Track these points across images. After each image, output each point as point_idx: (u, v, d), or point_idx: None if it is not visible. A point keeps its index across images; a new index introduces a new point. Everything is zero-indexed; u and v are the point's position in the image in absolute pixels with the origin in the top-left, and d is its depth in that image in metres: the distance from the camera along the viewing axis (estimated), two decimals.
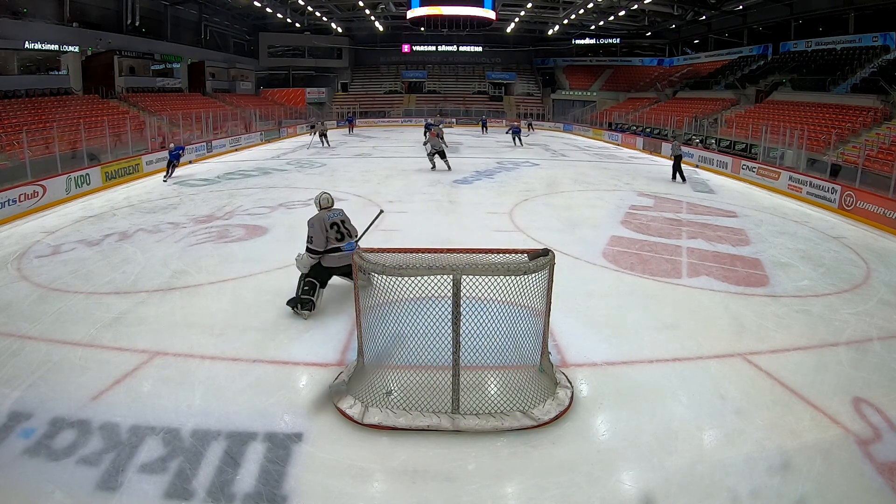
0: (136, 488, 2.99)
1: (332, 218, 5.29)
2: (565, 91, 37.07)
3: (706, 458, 3.32)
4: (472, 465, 3.22)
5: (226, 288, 5.98)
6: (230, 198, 11.04)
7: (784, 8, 25.14)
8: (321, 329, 4.94)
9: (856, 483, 3.13)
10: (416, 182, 12.94)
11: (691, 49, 34.05)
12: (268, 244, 7.64)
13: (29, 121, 15.38)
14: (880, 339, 4.92)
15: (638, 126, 25.61)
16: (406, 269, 3.51)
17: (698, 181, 14.50)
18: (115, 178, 12.67)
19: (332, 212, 5.36)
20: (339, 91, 38.05)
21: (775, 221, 9.74)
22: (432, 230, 8.50)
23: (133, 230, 8.38)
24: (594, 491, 3.03)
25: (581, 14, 30.39)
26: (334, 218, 5.31)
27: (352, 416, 3.58)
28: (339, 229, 5.28)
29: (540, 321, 3.80)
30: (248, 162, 17.20)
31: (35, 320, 5.05)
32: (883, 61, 19.24)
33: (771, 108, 20.46)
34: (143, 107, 21.39)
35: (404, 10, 30.12)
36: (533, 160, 17.57)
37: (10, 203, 9.25)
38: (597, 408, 3.82)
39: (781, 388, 4.05)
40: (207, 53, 29.82)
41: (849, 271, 6.87)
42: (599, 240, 7.92)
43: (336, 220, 5.30)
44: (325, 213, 5.30)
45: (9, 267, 6.66)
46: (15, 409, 3.64)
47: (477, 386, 3.85)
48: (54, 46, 20.11)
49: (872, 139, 14.27)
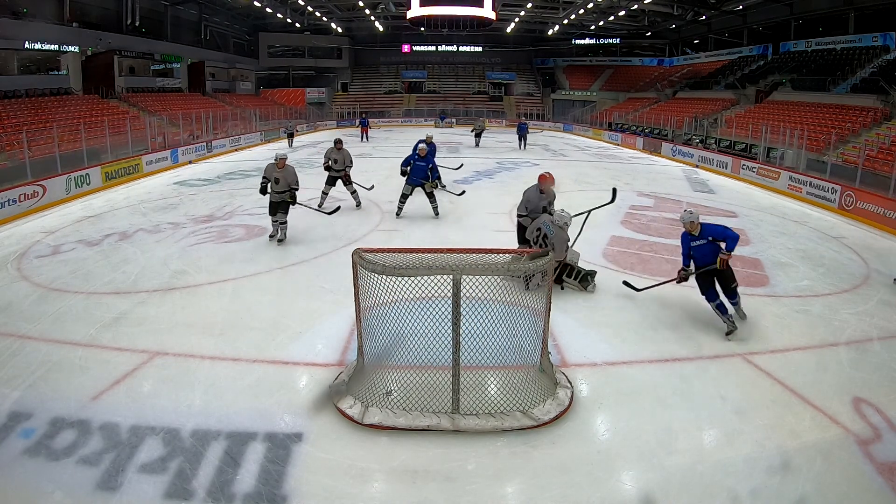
0: (136, 488, 2.99)
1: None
2: (565, 91, 37.06)
3: (706, 458, 3.32)
4: (472, 465, 3.22)
5: (226, 288, 5.97)
6: (230, 198, 11.04)
7: (784, 8, 25.13)
8: (321, 329, 4.94)
9: (856, 483, 3.13)
10: None
11: (691, 49, 34.04)
12: (268, 244, 7.64)
13: (29, 121, 15.38)
14: (880, 339, 4.92)
15: (638, 126, 25.60)
16: (406, 269, 3.51)
17: (698, 181, 14.50)
18: (115, 178, 12.66)
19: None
20: (339, 91, 38.03)
21: (775, 221, 9.74)
22: (432, 230, 8.50)
23: (133, 230, 8.38)
24: (594, 491, 3.03)
25: (581, 14, 30.38)
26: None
27: (352, 416, 3.58)
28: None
29: (540, 321, 3.81)
30: (248, 162, 17.20)
31: (35, 320, 5.05)
32: (883, 61, 19.23)
33: (771, 108, 20.46)
34: (143, 107, 21.38)
35: (404, 10, 30.07)
36: (533, 160, 17.56)
37: (10, 203, 9.24)
38: (597, 408, 3.82)
39: (781, 388, 4.06)
40: (207, 53, 29.80)
41: (849, 271, 6.87)
42: (599, 240, 7.91)
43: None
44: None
45: (9, 267, 6.66)
46: (15, 409, 3.64)
47: (477, 386, 3.85)
48: (54, 46, 20.11)
49: (872, 139, 14.27)
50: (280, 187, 7.33)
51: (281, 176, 7.31)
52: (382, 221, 9.01)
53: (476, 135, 22.13)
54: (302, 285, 6.05)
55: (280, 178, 7.30)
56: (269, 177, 7.38)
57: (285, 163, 7.38)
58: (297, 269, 6.60)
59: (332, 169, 9.48)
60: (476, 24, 30.88)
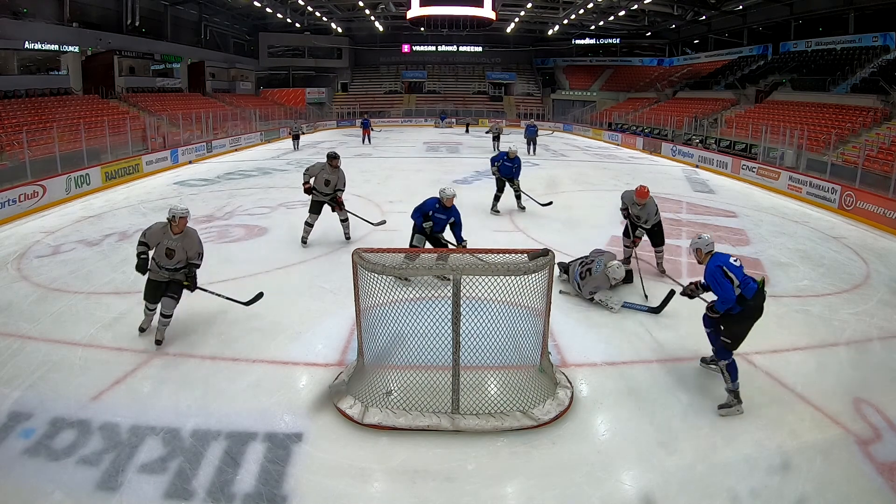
0: (136, 488, 2.99)
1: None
2: (565, 91, 37.05)
3: (706, 458, 3.32)
4: (472, 465, 3.22)
5: (226, 288, 5.96)
6: (230, 198, 11.04)
7: (784, 8, 25.13)
8: (321, 329, 4.94)
9: (856, 483, 3.13)
10: (416, 182, 12.92)
11: (691, 49, 34.03)
12: (268, 244, 7.64)
13: (29, 121, 15.37)
14: (880, 339, 4.92)
15: (638, 126, 25.59)
16: (406, 269, 3.51)
17: (698, 181, 14.49)
18: (115, 178, 12.66)
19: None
20: (339, 91, 38.03)
21: (775, 221, 9.74)
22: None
23: (133, 230, 8.38)
24: (594, 491, 3.03)
25: (581, 14, 30.37)
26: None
27: (352, 416, 3.58)
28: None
29: (540, 321, 3.81)
30: (248, 162, 17.20)
31: (35, 320, 5.05)
32: (883, 61, 19.22)
33: (771, 109, 20.45)
34: (143, 107, 21.37)
35: (404, 10, 30.08)
36: (533, 160, 17.55)
37: (10, 203, 9.24)
38: (597, 408, 3.82)
39: (781, 388, 4.06)
40: (207, 53, 29.80)
41: (849, 271, 6.87)
42: (599, 240, 7.90)
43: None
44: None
45: (9, 267, 6.66)
46: (15, 409, 3.64)
47: (477, 386, 3.85)
48: (54, 46, 20.09)
49: (872, 139, 14.26)
50: (173, 262, 4.50)
51: (178, 245, 4.48)
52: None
53: (494, 138, 19.79)
54: (302, 285, 6.05)
55: (176, 249, 4.48)
56: (153, 243, 4.48)
57: (186, 223, 4.52)
58: (297, 269, 6.60)
59: (318, 192, 7.16)
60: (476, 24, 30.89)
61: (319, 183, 7.18)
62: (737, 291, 3.67)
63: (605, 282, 5.49)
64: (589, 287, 5.55)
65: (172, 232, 4.45)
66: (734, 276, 3.70)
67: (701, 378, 4.20)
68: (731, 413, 3.72)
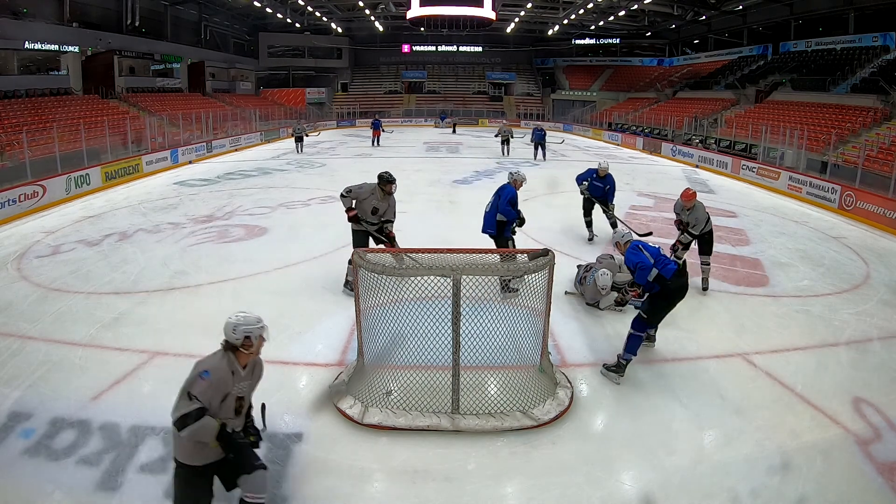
0: (136, 488, 2.99)
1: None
2: (565, 91, 37.03)
3: (706, 458, 3.32)
4: (472, 465, 3.22)
5: (226, 288, 5.98)
6: (230, 198, 11.03)
7: (784, 8, 25.12)
8: (321, 329, 4.94)
9: (856, 483, 3.13)
10: (416, 182, 12.92)
11: (691, 49, 34.02)
12: (268, 244, 7.64)
13: (29, 121, 15.37)
14: (880, 339, 4.92)
15: (638, 126, 25.60)
16: (406, 269, 3.51)
17: (698, 181, 14.49)
18: (115, 178, 12.66)
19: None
20: (339, 91, 38.03)
21: (775, 221, 9.74)
22: (432, 230, 8.50)
23: (133, 230, 8.38)
24: (594, 491, 3.03)
25: (581, 14, 30.36)
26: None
27: (352, 416, 3.58)
28: None
29: (540, 321, 3.81)
30: (248, 162, 17.20)
31: (35, 320, 5.05)
32: (883, 61, 19.22)
33: (771, 108, 20.45)
34: (143, 107, 21.37)
35: (404, 10, 30.08)
36: (533, 160, 17.55)
37: (10, 203, 9.24)
38: (597, 408, 3.83)
39: (781, 388, 4.06)
40: (207, 53, 29.79)
41: (849, 271, 6.87)
42: (600, 240, 7.91)
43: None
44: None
45: (9, 267, 6.65)
46: (15, 409, 3.64)
47: (477, 386, 3.85)
48: (54, 46, 20.08)
49: (872, 139, 14.26)
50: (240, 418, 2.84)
51: (246, 385, 2.90)
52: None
53: (503, 141, 18.83)
54: (302, 285, 6.05)
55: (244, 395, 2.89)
56: (206, 400, 2.64)
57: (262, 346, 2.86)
58: (297, 269, 6.60)
59: (367, 221, 5.60)
60: (476, 24, 30.87)
61: (365, 210, 5.55)
62: (653, 272, 3.93)
63: (597, 293, 5.38)
64: (587, 297, 5.53)
65: (240, 364, 2.87)
66: (649, 255, 4.02)
67: (701, 378, 4.20)
68: (608, 377, 4.12)
